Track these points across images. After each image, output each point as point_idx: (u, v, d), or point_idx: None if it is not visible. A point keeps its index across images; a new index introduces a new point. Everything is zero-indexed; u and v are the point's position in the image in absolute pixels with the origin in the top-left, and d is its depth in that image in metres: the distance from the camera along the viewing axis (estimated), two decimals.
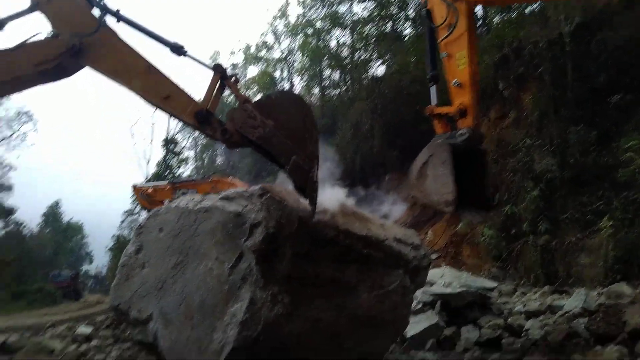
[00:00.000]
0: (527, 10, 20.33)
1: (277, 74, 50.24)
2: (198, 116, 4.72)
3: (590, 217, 12.17)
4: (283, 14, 47.00)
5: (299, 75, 46.19)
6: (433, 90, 6.73)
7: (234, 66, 59.60)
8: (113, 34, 4.92)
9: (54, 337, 9.83)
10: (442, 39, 6.37)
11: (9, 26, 4.93)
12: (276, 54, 49.50)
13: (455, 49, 6.27)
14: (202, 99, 4.89)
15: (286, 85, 48.65)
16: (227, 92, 5.21)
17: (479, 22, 20.20)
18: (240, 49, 55.50)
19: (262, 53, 51.69)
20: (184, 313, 4.67)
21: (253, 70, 54.47)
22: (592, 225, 12.00)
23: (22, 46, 4.76)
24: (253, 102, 4.78)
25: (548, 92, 15.36)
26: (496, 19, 24.39)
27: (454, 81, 6.20)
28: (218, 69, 4.90)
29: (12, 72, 4.81)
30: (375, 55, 30.33)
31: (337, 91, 38.64)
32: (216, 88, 4.96)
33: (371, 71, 31.48)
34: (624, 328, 4.51)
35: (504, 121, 18.31)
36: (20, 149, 53.22)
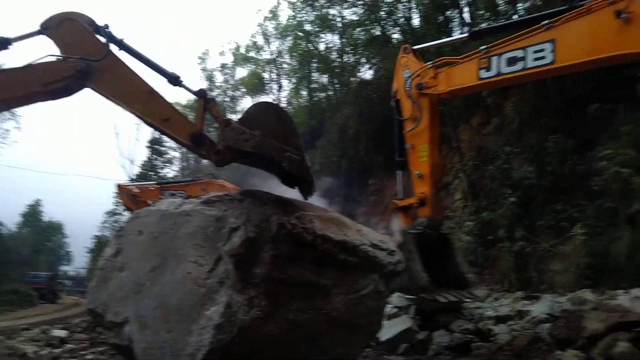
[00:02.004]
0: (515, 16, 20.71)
1: (265, 75, 50.25)
2: (194, 138, 5.15)
3: (565, 224, 12.50)
4: (273, 15, 47.10)
5: (287, 77, 46.30)
6: (399, 175, 7.28)
7: (223, 66, 59.55)
8: (118, 60, 5.27)
9: (27, 341, 9.71)
10: (408, 131, 6.72)
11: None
12: (265, 55, 49.57)
13: (418, 141, 6.74)
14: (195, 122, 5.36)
15: (274, 87, 48.74)
16: None
17: (466, 29, 20.47)
18: (230, 49, 55.47)
19: (252, 54, 51.68)
20: (160, 316, 4.75)
21: (242, 71, 54.44)
22: (566, 232, 12.33)
23: (33, 66, 5.11)
24: (235, 120, 5.29)
25: (530, 101, 15.73)
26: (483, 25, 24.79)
27: (416, 172, 6.70)
28: (202, 94, 5.30)
29: (22, 89, 5.21)
30: (363, 60, 30.54)
31: (325, 94, 38.82)
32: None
33: (359, 75, 31.74)
34: (583, 333, 4.75)
35: (486, 128, 18.67)
36: (1, 147, 52.06)
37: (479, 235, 14.75)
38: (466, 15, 23.26)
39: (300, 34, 39.77)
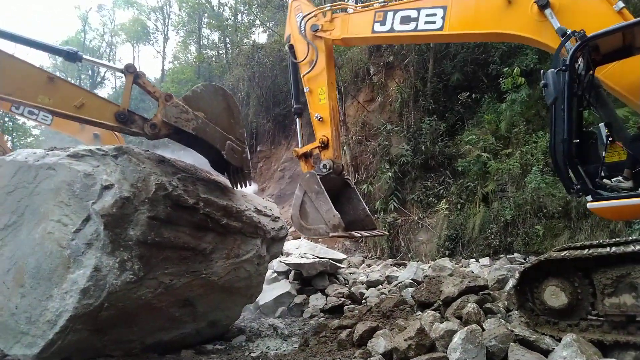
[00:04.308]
0: None
1: (150, 24, 46.25)
2: (121, 117, 4.81)
3: (432, 199, 13.82)
4: None
5: (175, 29, 43.17)
6: (298, 123, 7.11)
7: (100, 7, 53.42)
8: None
9: None
10: (304, 74, 6.66)
11: None
12: (151, 1, 45.47)
13: (316, 84, 6.59)
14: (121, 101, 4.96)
15: (160, 39, 45.19)
16: None
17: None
18: None
19: None
20: (13, 279, 4.24)
21: (122, 16, 49.34)
22: (432, 207, 13.65)
23: None
24: (180, 97, 5.09)
25: (411, 83, 16.77)
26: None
27: (316, 115, 6.54)
28: (131, 69, 4.96)
29: None
30: (257, 22, 29.63)
31: (215, 53, 37.06)
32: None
33: (252, 37, 30.80)
34: (440, 296, 5.34)
35: (371, 105, 19.55)
36: None
37: None
38: None
39: None
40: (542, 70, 4.29)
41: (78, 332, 4.04)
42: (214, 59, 35.85)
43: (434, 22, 5.75)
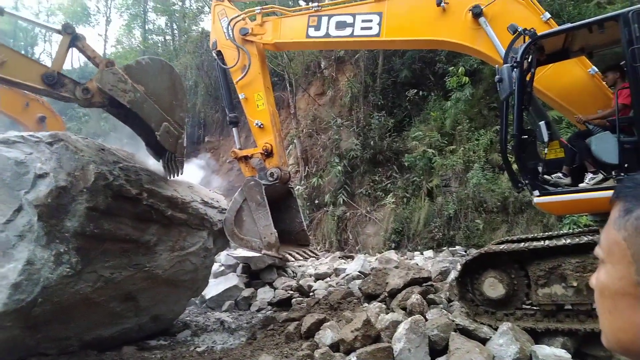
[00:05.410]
0: None
1: (91, 4, 43.80)
2: (48, 79, 4.36)
3: (380, 193, 14.10)
4: None
5: (118, 12, 41.14)
6: (235, 132, 6.76)
7: None
8: None
9: None
10: (237, 81, 6.31)
11: None
12: None
13: (251, 90, 6.28)
14: (52, 62, 4.56)
15: (102, 21, 42.91)
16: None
17: None
18: None
19: None
20: None
21: None
22: (380, 201, 13.94)
23: None
24: (121, 66, 4.67)
25: (361, 78, 16.97)
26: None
27: (256, 122, 6.20)
28: (68, 30, 4.56)
29: None
30: (207, 9, 28.83)
31: (162, 39, 35.71)
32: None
33: (201, 24, 29.93)
34: (386, 288, 5.47)
35: (322, 98, 19.63)
36: None
37: (307, 199, 15.66)
38: None
39: None
40: (496, 66, 4.45)
41: (8, 330, 3.79)
42: (160, 45, 34.54)
43: (370, 28, 5.72)
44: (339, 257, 11.43)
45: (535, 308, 4.23)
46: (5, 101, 8.59)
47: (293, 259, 5.79)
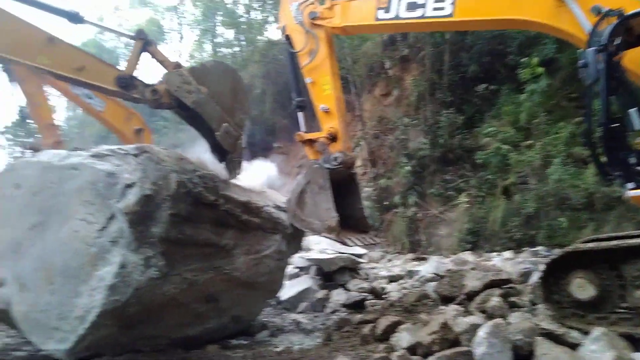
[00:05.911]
0: None
1: (165, 23, 46.61)
2: (121, 81, 4.71)
3: (452, 193, 13.70)
4: None
5: (190, 28, 43.43)
6: (301, 116, 6.64)
7: (116, 8, 54.04)
8: None
9: None
10: (305, 65, 6.27)
11: None
12: (166, 1, 45.75)
13: (318, 74, 6.22)
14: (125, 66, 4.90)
15: (176, 37, 45.53)
16: None
17: None
18: None
19: None
20: (43, 277, 4.33)
21: (137, 16, 49.84)
22: (452, 200, 13.54)
23: None
24: (186, 68, 4.92)
25: (427, 76, 16.60)
26: None
27: (322, 106, 6.17)
28: (141, 36, 4.89)
29: None
30: (271, 18, 29.67)
31: (230, 51, 37.28)
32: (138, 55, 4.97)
33: (266, 34, 30.86)
34: (463, 290, 5.30)
35: (387, 99, 19.44)
36: None
37: (377, 200, 15.57)
38: None
39: None
40: (579, 50, 4.16)
41: (107, 328, 4.13)
42: (229, 56, 36.01)
43: (442, 9, 5.41)
44: (412, 259, 11.23)
45: (631, 312, 3.88)
46: (111, 112, 9.24)
47: (352, 244, 5.77)
